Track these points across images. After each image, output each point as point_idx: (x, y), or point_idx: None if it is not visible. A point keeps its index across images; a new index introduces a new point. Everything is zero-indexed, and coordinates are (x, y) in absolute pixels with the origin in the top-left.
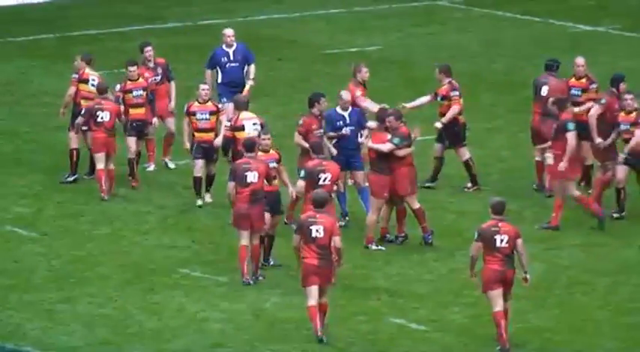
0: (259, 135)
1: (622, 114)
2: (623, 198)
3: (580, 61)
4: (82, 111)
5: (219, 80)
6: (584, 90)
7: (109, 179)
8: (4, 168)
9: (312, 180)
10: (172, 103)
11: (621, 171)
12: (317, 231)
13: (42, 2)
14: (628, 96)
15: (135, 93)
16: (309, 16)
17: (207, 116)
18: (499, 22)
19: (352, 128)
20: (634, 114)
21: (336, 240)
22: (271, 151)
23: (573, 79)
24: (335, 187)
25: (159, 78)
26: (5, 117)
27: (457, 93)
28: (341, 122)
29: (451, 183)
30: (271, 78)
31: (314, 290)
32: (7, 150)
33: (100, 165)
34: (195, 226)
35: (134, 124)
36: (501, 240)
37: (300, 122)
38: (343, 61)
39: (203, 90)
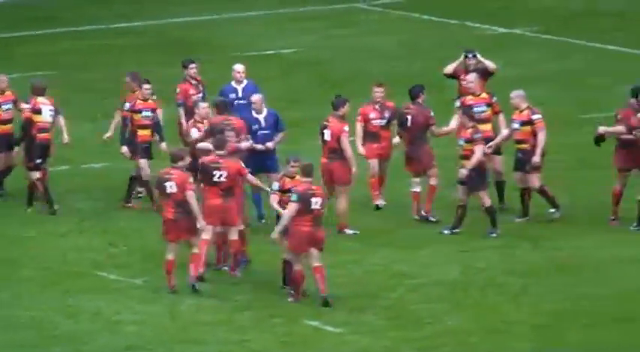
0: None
1: None
2: (527, 200)
3: (470, 77)
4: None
5: None
6: (489, 105)
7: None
8: None
9: (206, 175)
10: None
11: (534, 177)
12: (170, 187)
13: None
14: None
15: (144, 113)
16: (226, 19)
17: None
18: (416, 25)
19: (267, 131)
20: None
21: (188, 195)
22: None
23: (470, 97)
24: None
25: (201, 95)
26: None
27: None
28: (256, 125)
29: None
30: None
31: (172, 246)
32: None
33: None
34: (111, 229)
35: (144, 146)
36: (316, 202)
37: (358, 112)
38: (260, 64)
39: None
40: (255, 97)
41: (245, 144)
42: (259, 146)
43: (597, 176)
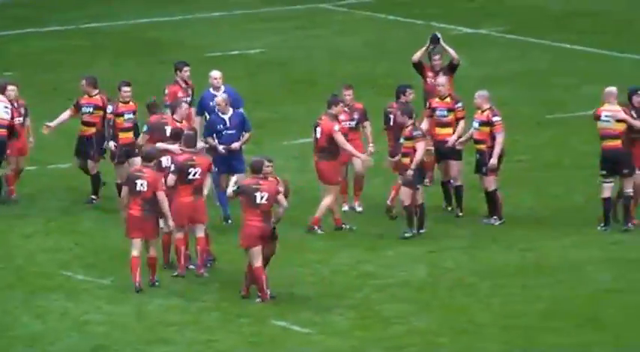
0: None
1: None
2: (499, 203)
3: (441, 80)
4: None
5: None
6: (451, 110)
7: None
8: None
9: (181, 174)
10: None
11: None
12: (141, 185)
13: None
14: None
15: (126, 116)
16: (192, 19)
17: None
18: (381, 25)
19: (233, 131)
20: None
21: (159, 195)
22: None
23: (437, 99)
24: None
25: (189, 99)
26: None
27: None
28: (221, 125)
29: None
30: (154, 80)
31: (137, 242)
32: None
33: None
34: (78, 229)
35: (124, 149)
36: (261, 197)
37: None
38: (226, 64)
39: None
40: (219, 98)
41: (200, 144)
42: (222, 147)
43: (564, 176)
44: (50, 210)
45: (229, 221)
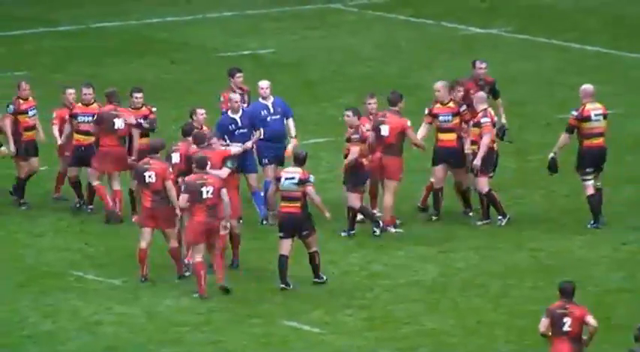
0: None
1: None
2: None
3: (438, 85)
4: None
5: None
6: (456, 115)
7: None
8: None
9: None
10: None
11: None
12: (150, 176)
13: None
14: None
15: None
16: (203, 19)
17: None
18: (392, 25)
19: (244, 130)
20: None
21: (167, 184)
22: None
23: (439, 105)
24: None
25: (245, 105)
26: None
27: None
28: (233, 126)
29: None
30: (165, 81)
31: (147, 233)
32: None
33: None
34: (88, 229)
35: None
36: (207, 192)
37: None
38: (237, 64)
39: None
40: (235, 97)
41: (235, 148)
42: (236, 147)
43: (574, 176)
44: (60, 209)
45: (240, 221)
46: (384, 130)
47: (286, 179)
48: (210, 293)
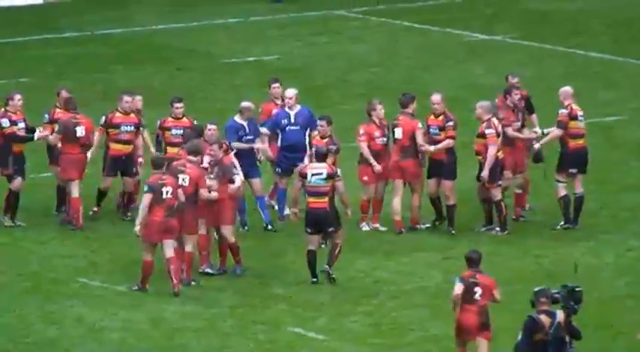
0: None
1: None
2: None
3: (436, 98)
4: None
5: (278, 143)
6: (442, 129)
7: None
8: None
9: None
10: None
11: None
12: (184, 180)
13: None
14: None
15: (174, 131)
16: (208, 26)
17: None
18: (396, 32)
19: (252, 137)
20: None
21: (201, 192)
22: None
23: (432, 117)
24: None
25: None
26: None
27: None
28: (242, 131)
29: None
30: (171, 87)
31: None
32: None
33: None
34: (93, 236)
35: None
36: (167, 192)
37: (362, 131)
38: (241, 71)
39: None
40: (247, 105)
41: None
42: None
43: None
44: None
45: (246, 227)
46: (398, 133)
47: (313, 175)
48: (213, 300)
